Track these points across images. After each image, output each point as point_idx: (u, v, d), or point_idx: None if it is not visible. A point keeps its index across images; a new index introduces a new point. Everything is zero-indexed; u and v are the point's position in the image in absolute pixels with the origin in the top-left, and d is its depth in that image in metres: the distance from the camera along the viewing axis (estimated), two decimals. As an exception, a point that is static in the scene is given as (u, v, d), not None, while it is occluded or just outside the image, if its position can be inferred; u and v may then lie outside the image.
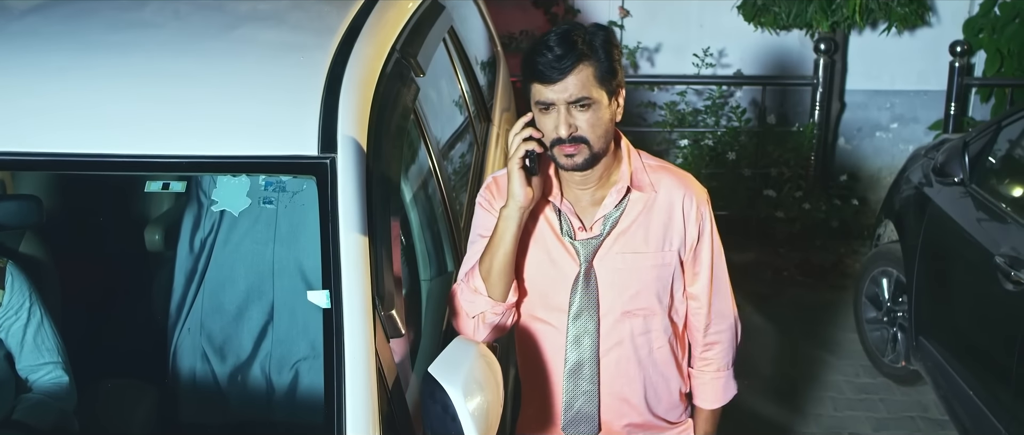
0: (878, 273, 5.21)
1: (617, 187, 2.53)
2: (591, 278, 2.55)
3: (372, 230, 2.33)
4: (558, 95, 2.36)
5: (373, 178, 2.42)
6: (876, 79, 7.13)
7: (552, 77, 2.35)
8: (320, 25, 2.90)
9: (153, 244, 3.47)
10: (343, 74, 2.57)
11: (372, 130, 2.51)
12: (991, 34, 6.59)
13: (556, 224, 2.56)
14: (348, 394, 2.15)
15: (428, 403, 2.16)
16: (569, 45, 2.35)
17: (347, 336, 2.17)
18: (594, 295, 2.56)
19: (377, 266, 2.28)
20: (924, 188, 4.80)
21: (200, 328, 3.15)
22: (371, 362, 2.18)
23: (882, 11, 6.25)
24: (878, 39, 6.94)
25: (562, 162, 2.43)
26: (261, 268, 3.13)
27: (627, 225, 2.55)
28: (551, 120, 2.39)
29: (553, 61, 2.34)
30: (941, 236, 4.55)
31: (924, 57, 7.02)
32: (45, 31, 2.84)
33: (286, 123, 2.44)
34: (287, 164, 2.39)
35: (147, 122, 2.44)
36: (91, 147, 2.39)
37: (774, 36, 6.89)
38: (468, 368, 2.19)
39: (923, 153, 5.13)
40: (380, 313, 2.24)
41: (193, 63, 2.65)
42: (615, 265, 2.55)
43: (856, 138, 7.23)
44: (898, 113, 7.21)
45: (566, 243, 2.56)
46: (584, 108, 2.38)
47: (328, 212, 2.30)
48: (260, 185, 2.90)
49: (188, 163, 2.39)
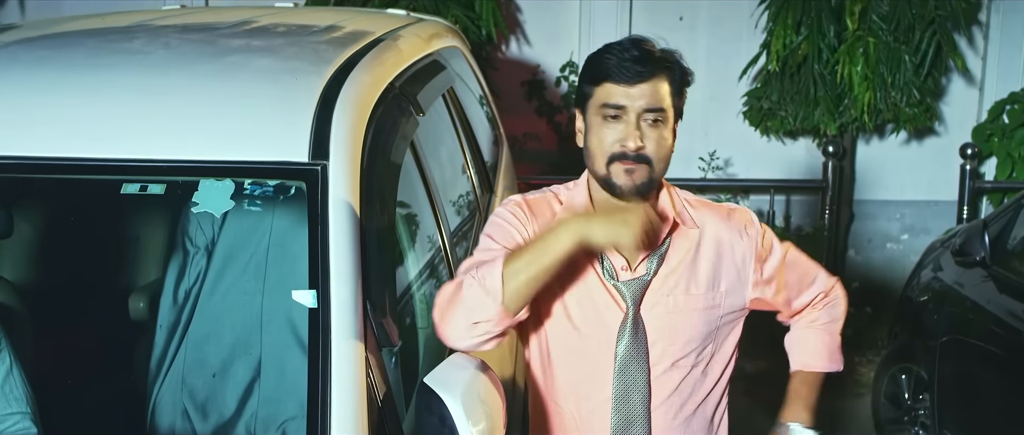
0: (896, 371, 4.99)
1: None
2: (639, 324, 2.26)
3: (365, 238, 2.16)
4: (633, 100, 2.15)
5: (366, 189, 2.26)
6: (885, 189, 7.03)
7: (629, 78, 2.13)
8: (315, 58, 2.79)
9: (137, 312, 3.29)
10: (338, 95, 2.45)
11: (367, 145, 2.36)
12: (1001, 139, 6.51)
13: (597, 263, 2.27)
14: (334, 402, 1.95)
15: (424, 415, 1.96)
16: (649, 49, 2.16)
17: (335, 339, 1.98)
18: (643, 343, 2.27)
19: (369, 272, 2.10)
20: (942, 277, 4.64)
21: (181, 384, 2.95)
22: (360, 366, 1.98)
23: (890, 111, 6.17)
24: (886, 148, 6.87)
25: (619, 181, 2.18)
26: (248, 321, 2.94)
27: (675, 264, 2.28)
28: (616, 130, 2.16)
29: (633, 61, 2.13)
30: (963, 323, 4.36)
31: (933, 167, 6.94)
32: (26, 57, 2.73)
33: (277, 131, 2.31)
34: (277, 170, 2.24)
35: (132, 128, 2.31)
36: (74, 152, 2.25)
37: (781, 145, 6.81)
38: (468, 380, 1.99)
39: (939, 245, 4.99)
40: (372, 320, 2.05)
41: (183, 79, 2.54)
42: (665, 308, 2.27)
43: (866, 250, 7.09)
44: (908, 224, 7.09)
45: (608, 285, 2.27)
46: (655, 123, 2.17)
47: (317, 217, 2.14)
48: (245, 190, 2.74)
49: (175, 168, 2.25)
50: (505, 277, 2.06)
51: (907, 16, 6.08)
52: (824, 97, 6.23)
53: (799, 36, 6.16)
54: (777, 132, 6.59)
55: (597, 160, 2.20)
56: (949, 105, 6.89)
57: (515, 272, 2.06)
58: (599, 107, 2.17)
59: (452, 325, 2.10)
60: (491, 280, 2.06)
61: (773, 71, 6.25)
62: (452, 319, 2.10)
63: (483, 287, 2.06)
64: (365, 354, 2.02)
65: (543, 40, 6.86)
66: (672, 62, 2.19)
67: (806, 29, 6.15)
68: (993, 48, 6.87)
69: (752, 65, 6.49)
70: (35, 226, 3.50)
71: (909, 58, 6.13)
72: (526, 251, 2.08)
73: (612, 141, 2.17)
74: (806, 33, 6.15)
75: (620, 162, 2.17)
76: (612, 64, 2.14)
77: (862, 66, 6.06)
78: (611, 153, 2.17)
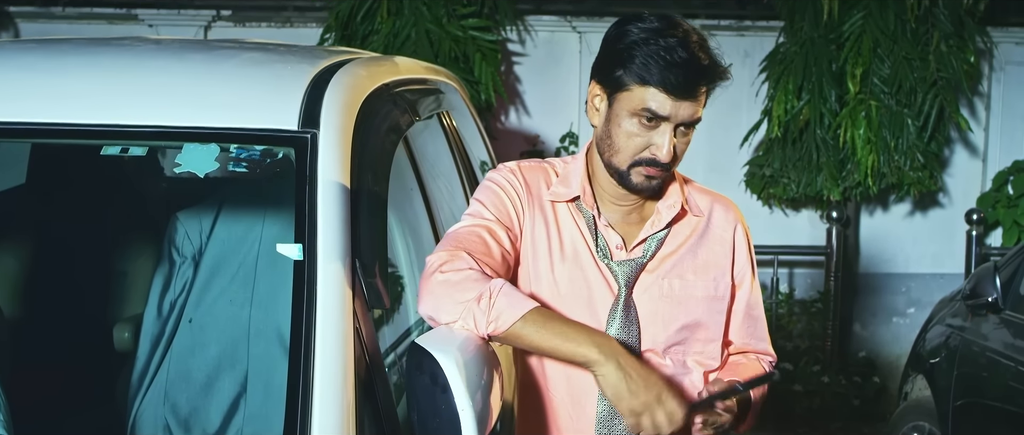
0: (909, 429, 4.83)
1: (668, 204, 2.19)
2: (631, 308, 2.15)
3: (355, 203, 2.07)
4: (676, 112, 2.02)
5: (357, 163, 2.17)
6: (890, 262, 6.93)
7: (680, 90, 2.00)
8: (309, 55, 2.73)
9: (122, 343, 3.17)
10: (330, 79, 2.37)
11: (359, 123, 2.28)
12: (1007, 207, 6.44)
13: (590, 241, 2.19)
14: (318, 359, 1.83)
15: (414, 375, 1.82)
16: (700, 58, 2.01)
17: (321, 292, 1.87)
18: (635, 328, 2.15)
19: (359, 233, 2.00)
20: (953, 328, 4.52)
21: (164, 398, 2.82)
22: (347, 320, 1.86)
23: (894, 175, 6.11)
24: (890, 220, 6.80)
25: (638, 182, 2.08)
26: (235, 333, 2.83)
27: (673, 248, 2.19)
28: (650, 137, 2.04)
29: (684, 69, 1.99)
30: (976, 372, 4.23)
31: (938, 239, 6.86)
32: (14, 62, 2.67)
33: (267, 101, 2.25)
34: (266, 136, 2.15)
35: (119, 97, 2.23)
36: (65, 117, 2.18)
37: (784, 216, 6.74)
38: (462, 342, 1.87)
39: (948, 300, 4.88)
40: (362, 279, 1.94)
41: (174, 64, 2.49)
42: (659, 292, 2.16)
43: (872, 324, 6.96)
44: (914, 297, 6.97)
45: (601, 264, 2.17)
46: (687, 132, 2.07)
47: (305, 181, 2.05)
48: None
49: (161, 133, 2.16)
50: (515, 329, 1.91)
51: (909, 79, 6.06)
52: (827, 162, 6.17)
53: (800, 101, 6.13)
54: (780, 200, 6.51)
55: (620, 156, 2.09)
56: (952, 176, 6.83)
57: (524, 334, 1.92)
58: (638, 108, 2.04)
59: (437, 306, 1.95)
60: (501, 319, 1.91)
61: (775, 137, 6.20)
62: (438, 299, 1.95)
63: (487, 315, 1.91)
64: (353, 307, 1.90)
65: (543, 111, 6.83)
66: (722, 74, 2.07)
67: (807, 94, 6.12)
68: (995, 119, 6.84)
69: (754, 132, 6.44)
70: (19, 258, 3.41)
71: (912, 121, 6.09)
72: (550, 328, 1.93)
73: (644, 145, 2.06)
74: (807, 98, 6.11)
75: (646, 167, 2.07)
76: (659, 67, 2.00)
77: (864, 129, 6.01)
78: (640, 157, 2.07)
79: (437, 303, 1.94)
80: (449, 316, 1.93)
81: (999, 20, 6.68)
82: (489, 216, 2.12)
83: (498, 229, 2.11)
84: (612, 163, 2.11)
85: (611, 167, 2.12)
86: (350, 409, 1.88)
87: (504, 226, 2.13)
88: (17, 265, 3.44)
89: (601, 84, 2.12)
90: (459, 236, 2.07)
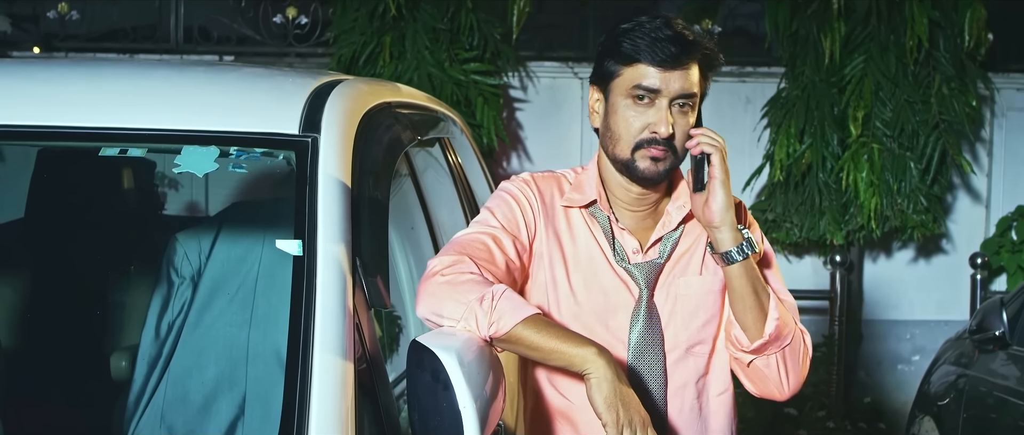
0: (916, 471, 4.78)
1: (677, 204, 2.19)
2: (653, 309, 2.16)
3: (356, 206, 2.05)
4: (668, 84, 2.04)
5: (358, 168, 2.15)
6: (894, 309, 6.89)
7: (665, 61, 2.03)
8: (310, 73, 2.73)
9: (119, 372, 3.14)
10: (331, 91, 2.36)
11: (361, 129, 2.27)
12: (1011, 253, 6.41)
13: (607, 246, 2.18)
14: (317, 355, 1.80)
15: (415, 373, 1.79)
16: (684, 31, 2.05)
17: (320, 288, 1.84)
18: (657, 328, 2.15)
19: (360, 230, 1.98)
20: (959, 367, 4.47)
21: (160, 420, 2.77)
22: (346, 318, 1.83)
23: (898, 218, 6.08)
24: (894, 266, 6.77)
25: (643, 166, 2.08)
26: (234, 354, 2.79)
27: (687, 247, 2.20)
28: (646, 115, 2.06)
29: (669, 41, 2.02)
30: (985, 414, 4.18)
31: (942, 285, 6.82)
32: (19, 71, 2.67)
33: (269, 107, 2.25)
34: (267, 139, 2.14)
35: (120, 101, 2.23)
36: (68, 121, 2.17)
37: (786, 262, 6.70)
38: (464, 341, 1.84)
39: (954, 339, 4.84)
40: (362, 278, 1.92)
41: (176, 74, 2.49)
42: (678, 292, 2.17)
43: (877, 372, 6.90)
44: (919, 345, 6.92)
45: (618, 268, 2.17)
46: (684, 110, 2.07)
47: (305, 184, 2.03)
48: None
49: (161, 136, 2.14)
50: (516, 331, 1.90)
51: (911, 122, 6.06)
52: (830, 206, 6.16)
53: (802, 145, 6.13)
54: (783, 246, 6.49)
55: (621, 144, 2.10)
56: (956, 222, 6.81)
57: (525, 336, 1.90)
58: (630, 88, 2.06)
59: (438, 305, 1.94)
60: (503, 321, 1.89)
61: (778, 181, 6.19)
62: (440, 299, 1.94)
63: (489, 316, 1.90)
64: (353, 303, 1.87)
65: (544, 155, 6.82)
66: (709, 48, 2.10)
67: (809, 137, 6.12)
68: (998, 164, 6.84)
69: (756, 176, 6.43)
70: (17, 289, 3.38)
71: (914, 164, 6.08)
72: (550, 332, 1.91)
73: (641, 125, 2.07)
74: (809, 141, 6.11)
75: (648, 148, 2.07)
76: (645, 44, 2.03)
77: (867, 172, 6.00)
78: (640, 139, 2.08)
79: (438, 303, 1.93)
80: (450, 315, 1.91)
81: (1000, 66, 6.71)
82: (495, 224, 2.12)
83: (504, 237, 2.10)
84: (616, 155, 2.12)
85: (617, 160, 2.12)
86: (350, 409, 1.85)
87: (511, 235, 2.12)
88: (15, 297, 3.41)
89: (597, 85, 2.16)
90: (463, 242, 2.07)
